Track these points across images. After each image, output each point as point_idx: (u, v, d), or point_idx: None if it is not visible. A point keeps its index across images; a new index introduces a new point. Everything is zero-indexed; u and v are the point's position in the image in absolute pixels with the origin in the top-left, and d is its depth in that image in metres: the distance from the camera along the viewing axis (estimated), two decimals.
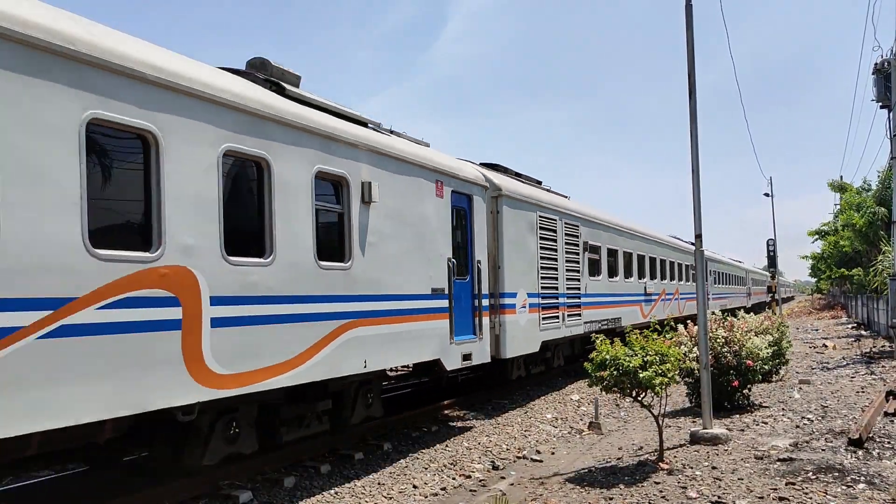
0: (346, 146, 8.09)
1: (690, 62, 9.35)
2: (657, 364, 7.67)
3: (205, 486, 7.26)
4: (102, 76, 5.40)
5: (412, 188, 9.30)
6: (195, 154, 6.16)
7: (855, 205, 32.58)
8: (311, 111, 7.80)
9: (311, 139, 7.57)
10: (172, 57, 6.28)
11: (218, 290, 6.28)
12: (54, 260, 5.00)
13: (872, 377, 14.51)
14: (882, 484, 6.82)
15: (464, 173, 10.77)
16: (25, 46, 4.89)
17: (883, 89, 19.29)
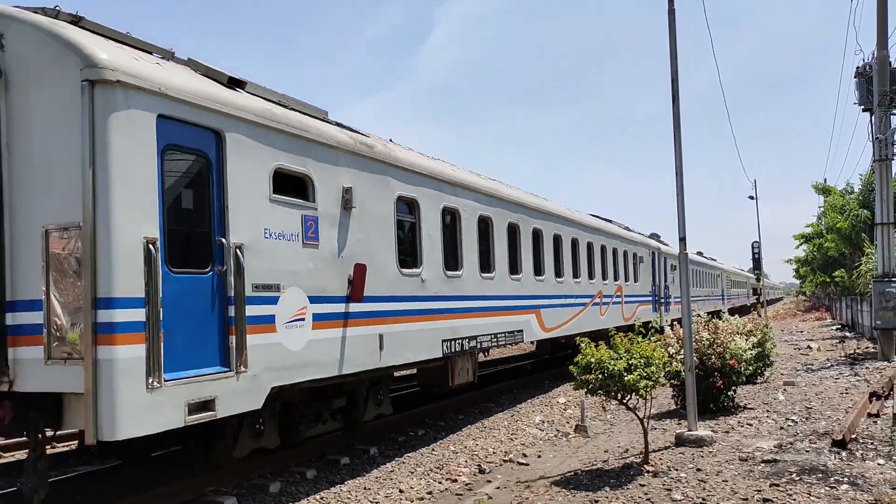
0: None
1: (674, 67, 9.42)
2: (642, 367, 7.70)
3: (189, 494, 7.23)
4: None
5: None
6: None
7: (838, 207, 32.88)
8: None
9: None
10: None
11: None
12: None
13: (856, 379, 14.62)
14: (865, 485, 6.87)
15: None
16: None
17: (865, 93, 19.48)
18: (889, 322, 18.33)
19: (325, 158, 8.09)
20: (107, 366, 5.50)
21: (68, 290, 5.66)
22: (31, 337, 5.80)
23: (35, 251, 5.82)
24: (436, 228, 10.39)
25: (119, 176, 5.70)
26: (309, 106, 8.45)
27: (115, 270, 5.60)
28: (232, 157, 6.74)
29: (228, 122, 6.76)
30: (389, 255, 9.21)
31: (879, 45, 18.57)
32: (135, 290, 5.70)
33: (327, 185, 8.08)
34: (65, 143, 5.71)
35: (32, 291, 5.82)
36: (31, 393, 5.82)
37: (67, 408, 5.88)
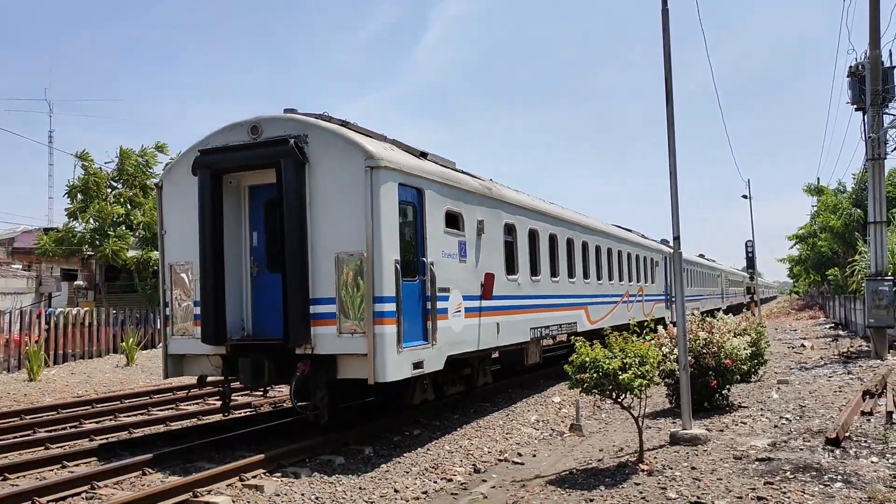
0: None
1: (667, 67, 9.42)
2: (637, 366, 7.72)
3: (183, 492, 7.22)
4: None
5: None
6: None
7: (831, 207, 33.00)
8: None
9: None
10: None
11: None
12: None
13: (850, 377, 14.67)
14: (859, 483, 6.90)
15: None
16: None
17: (857, 92, 19.53)
18: (882, 320, 18.41)
19: (469, 201, 11.49)
20: (380, 338, 8.81)
21: (350, 292, 9.00)
22: (325, 320, 9.13)
23: (329, 268, 9.12)
24: (524, 245, 13.73)
25: (384, 223, 9.02)
26: (449, 161, 11.89)
27: (384, 279, 8.94)
28: (427, 205, 10.10)
29: (424, 183, 10.11)
30: (501, 266, 12.55)
31: (872, 44, 18.63)
32: (392, 291, 9.02)
33: (470, 219, 11.45)
34: (352, 203, 9.02)
35: (326, 292, 9.14)
36: (322, 355, 9.18)
37: (341, 365, 9.25)
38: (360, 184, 8.95)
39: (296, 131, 9.45)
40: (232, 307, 9.83)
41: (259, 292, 10.09)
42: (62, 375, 17.80)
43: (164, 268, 10.40)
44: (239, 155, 9.62)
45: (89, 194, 24.72)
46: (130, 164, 25.58)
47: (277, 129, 9.56)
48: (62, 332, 20.20)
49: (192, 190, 9.80)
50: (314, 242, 9.25)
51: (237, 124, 9.87)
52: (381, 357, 8.80)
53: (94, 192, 24.75)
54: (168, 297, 10.29)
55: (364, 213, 8.89)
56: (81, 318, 21.04)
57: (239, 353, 9.68)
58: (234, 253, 10.01)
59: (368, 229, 8.88)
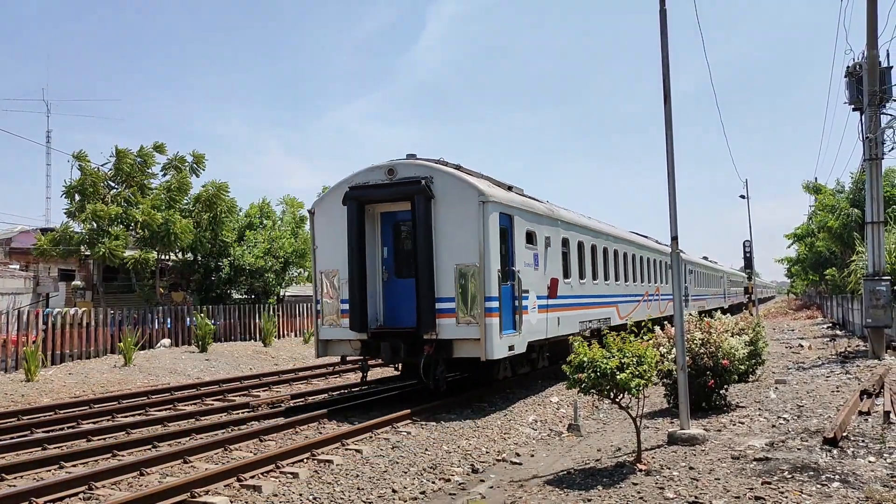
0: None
1: (665, 67, 9.43)
2: (634, 366, 7.73)
3: (181, 492, 7.21)
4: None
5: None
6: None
7: (829, 206, 33.01)
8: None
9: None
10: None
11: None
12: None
13: (847, 377, 14.69)
14: (856, 482, 6.91)
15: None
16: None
17: (855, 92, 19.54)
18: (879, 320, 18.43)
19: (539, 221, 14.82)
20: (489, 327, 12.07)
21: (466, 293, 12.22)
22: (447, 314, 12.33)
23: (450, 275, 12.39)
24: (574, 254, 16.89)
25: (491, 242, 12.30)
26: (517, 188, 15.20)
27: (491, 283, 12.21)
28: (515, 227, 13.41)
29: (513, 210, 13.43)
30: (560, 272, 15.84)
31: (869, 44, 18.65)
32: (496, 292, 12.34)
33: (540, 236, 14.74)
34: (467, 228, 12.27)
35: (448, 293, 12.37)
36: (443, 339, 12.37)
37: (457, 347, 12.46)
38: (474, 214, 12.25)
39: (423, 174, 12.72)
40: (370, 304, 13.07)
41: (388, 293, 13.46)
42: (60, 376, 17.78)
43: (317, 274, 13.74)
44: (379, 191, 12.96)
45: (86, 195, 24.68)
46: (127, 164, 25.53)
47: (408, 171, 12.89)
48: (60, 332, 20.16)
49: (339, 215, 13.13)
50: (438, 256, 12.50)
51: (376, 167, 13.20)
52: (490, 341, 12.12)
53: (92, 192, 24.70)
54: (319, 296, 13.63)
55: (477, 235, 12.20)
56: (79, 318, 21.00)
57: (376, 338, 12.90)
58: (371, 263, 13.24)
59: (480, 247, 12.20)
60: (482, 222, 12.18)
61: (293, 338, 29.54)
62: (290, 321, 30.34)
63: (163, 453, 9.00)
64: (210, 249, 28.40)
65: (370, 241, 13.24)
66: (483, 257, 12.14)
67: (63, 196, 25.29)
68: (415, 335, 12.43)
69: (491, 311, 12.15)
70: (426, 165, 12.90)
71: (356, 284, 12.83)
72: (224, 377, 18.20)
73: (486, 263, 12.16)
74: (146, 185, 26.53)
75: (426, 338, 12.35)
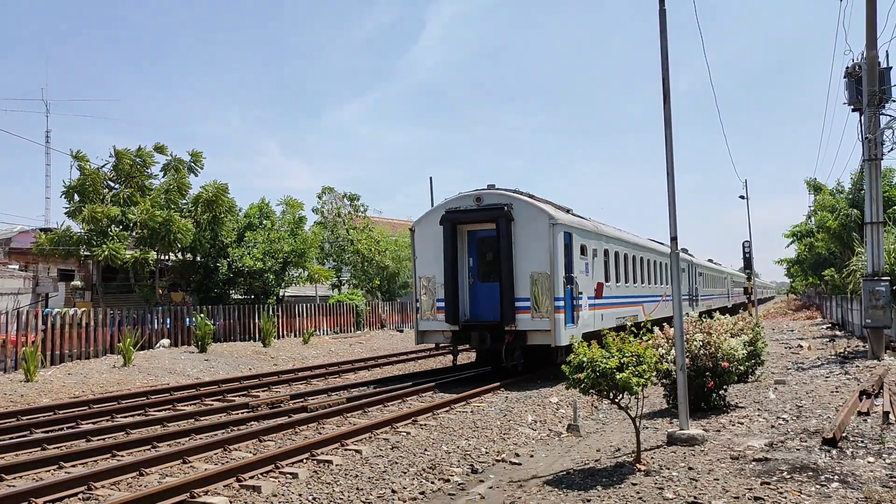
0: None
1: (664, 67, 9.43)
2: (634, 365, 7.72)
3: (180, 492, 7.21)
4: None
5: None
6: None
7: (829, 207, 33.02)
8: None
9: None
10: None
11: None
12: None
13: (847, 377, 14.70)
14: (855, 483, 6.91)
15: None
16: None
17: (854, 93, 19.53)
18: (879, 320, 18.44)
19: (588, 236, 18.20)
20: (558, 321, 15.49)
21: (538, 294, 15.53)
22: (524, 310, 15.64)
23: (526, 280, 15.74)
24: (612, 262, 20.20)
25: (558, 254, 15.60)
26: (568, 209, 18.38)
27: (558, 286, 15.63)
28: (573, 242, 16.67)
29: (572, 229, 16.74)
30: (603, 277, 19.28)
31: (868, 45, 18.66)
32: (562, 294, 15.70)
33: (590, 248, 18.05)
34: (539, 244, 15.72)
35: (524, 294, 15.73)
36: (520, 330, 15.72)
37: (530, 336, 15.86)
38: (545, 233, 15.81)
39: (504, 201, 16.22)
40: (460, 302, 16.54)
41: (473, 294, 16.88)
42: (59, 376, 17.77)
43: (416, 279, 17.35)
44: (469, 215, 16.51)
45: (86, 195, 24.66)
46: (126, 164, 25.52)
47: (492, 199, 16.43)
48: (59, 332, 20.15)
49: (435, 233, 16.72)
50: (517, 266, 15.92)
51: (466, 195, 16.80)
52: (558, 332, 15.65)
53: (91, 192, 24.68)
54: (418, 296, 17.28)
55: (547, 249, 15.75)
56: (78, 318, 20.99)
57: (465, 329, 16.46)
58: (461, 271, 16.65)
59: (550, 259, 15.75)
60: (551, 239, 15.81)
61: (293, 338, 29.54)
62: (289, 321, 30.33)
63: (162, 453, 9.00)
64: (209, 250, 28.39)
65: (460, 253, 16.65)
66: (552, 266, 15.74)
67: (62, 196, 25.27)
68: (498, 327, 15.96)
69: (558, 308, 15.74)
70: (506, 194, 16.49)
71: (450, 287, 16.38)
72: (223, 377, 18.20)
73: (555, 271, 15.75)
74: (146, 186, 26.49)
75: (507, 329, 15.89)
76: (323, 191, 42.85)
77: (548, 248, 15.70)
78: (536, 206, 16.24)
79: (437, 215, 16.80)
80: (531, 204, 16.25)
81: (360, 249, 40.18)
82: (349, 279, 41.79)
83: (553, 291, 15.57)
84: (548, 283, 15.59)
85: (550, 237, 15.69)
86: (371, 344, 30.10)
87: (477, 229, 16.75)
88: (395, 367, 21.39)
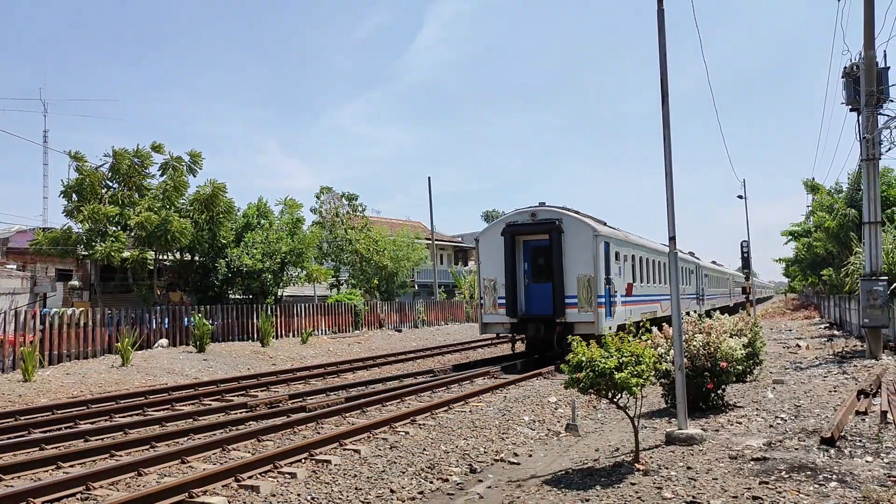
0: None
1: (663, 67, 9.43)
2: (633, 365, 7.73)
3: (179, 493, 7.21)
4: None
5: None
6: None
7: (827, 206, 33.07)
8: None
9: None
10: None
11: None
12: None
13: (845, 377, 14.72)
14: (853, 482, 6.92)
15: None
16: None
17: (852, 93, 19.57)
18: (876, 320, 18.47)
19: (620, 244, 21.16)
20: (599, 314, 18.87)
21: (583, 292, 18.93)
22: (571, 305, 19.09)
23: (573, 281, 19.15)
24: (637, 265, 23.03)
25: (599, 260, 19.08)
26: (604, 221, 21.77)
27: (599, 286, 18.95)
28: (610, 250, 19.97)
29: (609, 239, 20.11)
30: (631, 278, 22.22)
31: (866, 45, 18.68)
32: (603, 292, 19.12)
33: (621, 254, 20.86)
34: (584, 251, 19.11)
35: (572, 292, 19.14)
36: (568, 322, 18.95)
37: (576, 327, 18.56)
38: (589, 242, 19.13)
39: (555, 216, 19.54)
40: (517, 299, 20.00)
41: (528, 292, 20.23)
42: (57, 376, 17.75)
43: (480, 280, 20.96)
44: (525, 228, 19.91)
45: (84, 195, 24.63)
46: (124, 164, 25.48)
47: (545, 215, 19.71)
48: (57, 332, 20.13)
49: (496, 242, 20.24)
50: (566, 269, 19.19)
51: (523, 211, 20.23)
52: (600, 323, 18.67)
53: (89, 192, 24.65)
54: (482, 294, 20.75)
55: (591, 256, 19.02)
56: (76, 318, 20.97)
57: (522, 322, 19.99)
58: (518, 273, 20.10)
59: (593, 263, 19.01)
60: (594, 248, 19.13)
61: (291, 338, 29.53)
62: (287, 321, 30.31)
63: (161, 453, 8.99)
64: (208, 250, 28.37)
65: (518, 259, 20.06)
66: (595, 270, 18.99)
67: (61, 196, 25.22)
68: (550, 319, 19.31)
69: (600, 303, 18.99)
70: (556, 211, 19.84)
71: (509, 286, 19.87)
72: (222, 377, 18.19)
73: (597, 273, 19.02)
74: (144, 185, 26.45)
75: (558, 321, 19.10)
76: (321, 190, 42.89)
77: (591, 255, 19.06)
78: (582, 220, 19.59)
79: (499, 228, 20.27)
80: (578, 219, 19.59)
81: (358, 249, 40.19)
82: (348, 279, 41.81)
83: (596, 290, 18.88)
84: (591, 284, 18.90)
85: (594, 246, 19.09)
86: (369, 344, 30.09)
87: (530, 239, 20.14)
88: (394, 366, 21.39)
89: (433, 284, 47.82)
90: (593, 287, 18.79)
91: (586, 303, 18.81)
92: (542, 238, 19.55)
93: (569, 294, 19.05)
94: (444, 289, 53.51)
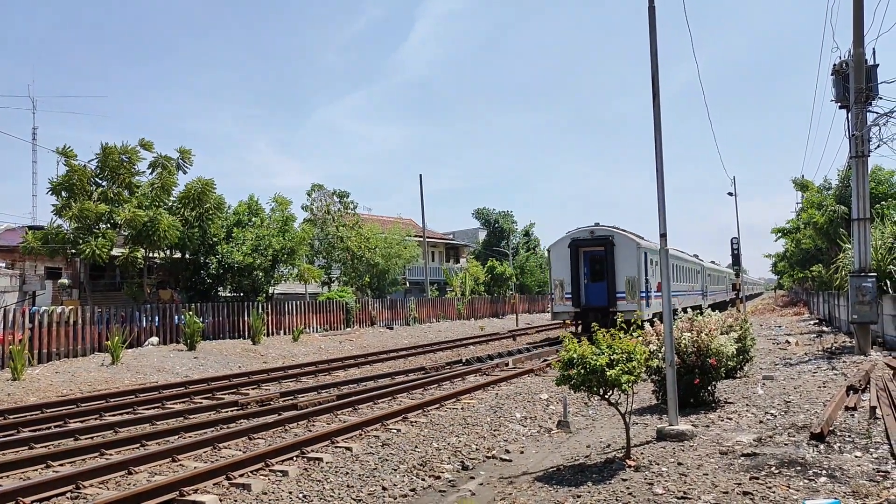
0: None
1: (654, 66, 9.43)
2: (624, 362, 7.74)
3: (169, 491, 7.19)
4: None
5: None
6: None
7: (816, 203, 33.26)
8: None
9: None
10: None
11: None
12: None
13: (834, 372, 14.80)
14: (843, 477, 6.96)
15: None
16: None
17: (841, 90, 19.66)
18: (865, 316, 18.58)
19: (653, 253, 27.05)
20: (642, 305, 25.53)
21: (630, 289, 25.96)
22: (622, 299, 26.08)
23: (623, 281, 26.12)
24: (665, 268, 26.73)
25: (642, 266, 26.18)
26: (642, 236, 28.66)
27: (642, 285, 26.09)
28: (647, 256, 26.74)
29: (647, 250, 26.76)
30: (658, 277, 26.86)
31: (855, 42, 18.78)
32: (643, 289, 26.22)
33: (652, 259, 27.15)
34: (631, 260, 26.16)
35: (622, 289, 26.18)
36: (620, 311, 25.17)
37: (625, 314, 23.18)
38: (634, 253, 25.74)
39: (608, 234, 26.36)
40: (581, 294, 26.51)
41: (588, 289, 26.70)
42: (46, 374, 17.66)
43: (552, 280, 27.54)
44: (585, 242, 26.67)
45: (73, 192, 24.47)
46: (113, 161, 25.32)
47: (601, 232, 26.56)
48: (46, 330, 20.02)
49: (563, 253, 27.01)
50: (617, 272, 25.74)
51: (584, 229, 27.03)
52: (642, 311, 20.79)
53: (78, 189, 24.49)
54: (553, 290, 27.26)
55: (636, 263, 25.57)
56: (66, 316, 20.86)
57: (584, 311, 26.10)
58: (581, 274, 26.62)
59: (638, 269, 25.60)
60: (638, 257, 25.69)
61: (282, 336, 29.46)
62: (279, 319, 30.24)
63: (151, 452, 8.96)
64: (198, 247, 28.25)
65: (580, 264, 26.83)
66: (638, 272, 25.54)
67: (49, 193, 25.04)
68: (605, 309, 25.51)
69: (642, 297, 25.47)
70: (609, 229, 26.63)
71: (574, 284, 26.62)
72: (213, 375, 18.13)
73: (640, 275, 25.54)
74: (133, 183, 26.30)
75: (612, 311, 25.09)
76: (312, 188, 42.75)
77: (636, 262, 25.79)
78: (629, 236, 26.62)
79: (566, 242, 27.17)
80: (625, 235, 26.62)
81: (349, 247, 40.13)
82: (339, 276, 41.73)
83: (639, 287, 25.61)
84: (635, 283, 25.64)
85: (637, 256, 25.81)
86: (361, 341, 30.06)
87: (589, 250, 26.84)
88: (386, 364, 21.38)
89: (425, 282, 47.84)
90: (637, 285, 25.59)
91: (631, 296, 25.50)
92: (599, 249, 26.42)
93: (619, 290, 25.85)
94: (435, 286, 53.55)
